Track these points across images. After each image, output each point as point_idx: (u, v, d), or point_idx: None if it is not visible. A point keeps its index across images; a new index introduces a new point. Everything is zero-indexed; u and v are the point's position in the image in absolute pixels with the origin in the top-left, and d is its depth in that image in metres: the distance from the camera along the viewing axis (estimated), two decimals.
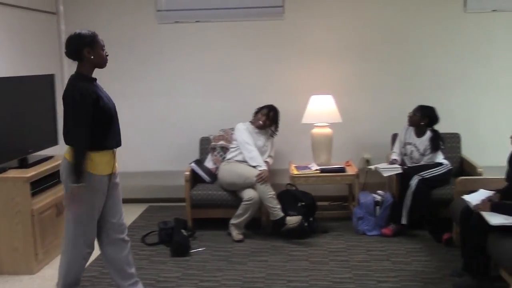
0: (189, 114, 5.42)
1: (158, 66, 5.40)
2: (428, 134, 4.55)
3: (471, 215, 3.39)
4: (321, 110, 4.89)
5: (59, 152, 3.87)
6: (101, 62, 2.98)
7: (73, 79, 2.93)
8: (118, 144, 3.08)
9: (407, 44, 5.23)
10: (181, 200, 4.82)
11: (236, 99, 5.32)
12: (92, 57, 2.91)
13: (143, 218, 5.06)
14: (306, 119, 4.94)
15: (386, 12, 5.20)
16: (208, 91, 5.40)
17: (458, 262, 3.59)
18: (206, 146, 5.10)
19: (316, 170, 4.78)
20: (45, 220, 3.93)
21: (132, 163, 5.40)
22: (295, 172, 4.79)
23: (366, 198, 4.57)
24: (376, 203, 4.51)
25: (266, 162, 4.68)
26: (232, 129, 4.88)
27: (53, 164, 4.05)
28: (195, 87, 5.41)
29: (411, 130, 4.66)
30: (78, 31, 2.95)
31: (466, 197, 3.63)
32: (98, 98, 2.89)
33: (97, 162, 2.93)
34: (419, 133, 4.60)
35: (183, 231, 4.32)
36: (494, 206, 3.28)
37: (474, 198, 3.54)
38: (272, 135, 4.83)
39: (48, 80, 4.43)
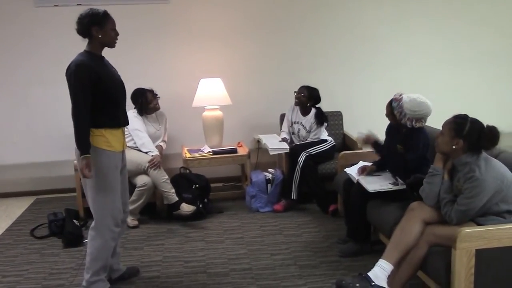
0: None
1: (36, 52, 5.11)
2: (313, 111, 4.80)
3: (352, 186, 3.66)
4: (211, 93, 4.94)
5: None
6: (110, 41, 2.95)
7: (78, 56, 2.90)
8: (126, 122, 3.10)
9: (290, 28, 5.42)
10: (71, 190, 4.67)
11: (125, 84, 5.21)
12: (99, 36, 2.88)
13: (31, 212, 4.83)
14: (196, 103, 4.98)
15: None
16: None
17: (343, 231, 3.86)
18: None
19: (209, 152, 4.86)
20: None
21: (11, 155, 5.15)
22: (188, 155, 4.83)
23: (258, 176, 4.73)
24: (268, 181, 4.70)
25: (159, 146, 4.68)
26: None
27: None
28: None
29: (297, 110, 4.88)
30: (90, 9, 2.91)
31: (347, 170, 3.89)
32: (99, 77, 2.85)
33: (110, 139, 2.94)
34: (305, 112, 4.83)
35: (75, 221, 4.22)
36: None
37: (354, 171, 3.81)
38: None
39: None
